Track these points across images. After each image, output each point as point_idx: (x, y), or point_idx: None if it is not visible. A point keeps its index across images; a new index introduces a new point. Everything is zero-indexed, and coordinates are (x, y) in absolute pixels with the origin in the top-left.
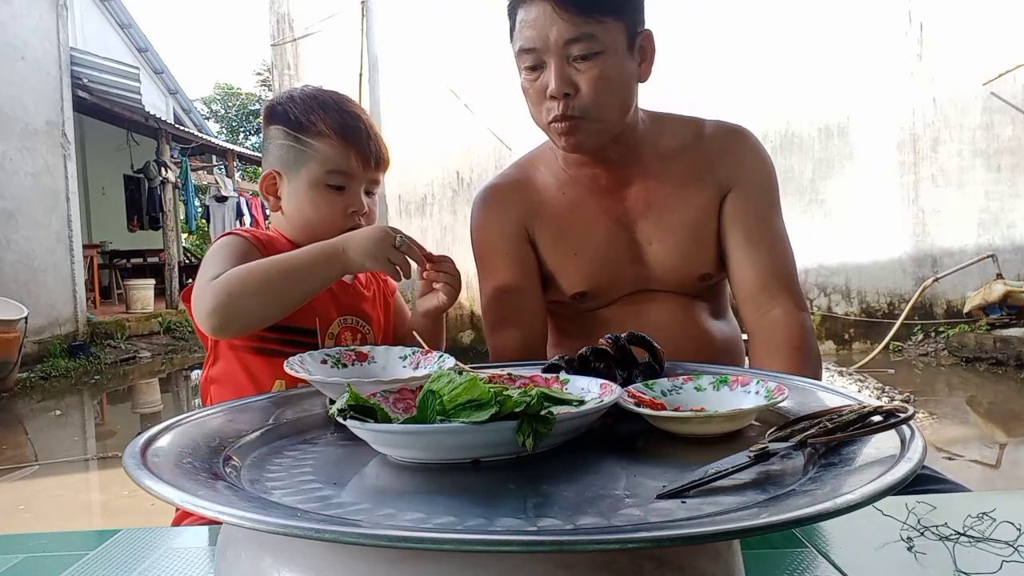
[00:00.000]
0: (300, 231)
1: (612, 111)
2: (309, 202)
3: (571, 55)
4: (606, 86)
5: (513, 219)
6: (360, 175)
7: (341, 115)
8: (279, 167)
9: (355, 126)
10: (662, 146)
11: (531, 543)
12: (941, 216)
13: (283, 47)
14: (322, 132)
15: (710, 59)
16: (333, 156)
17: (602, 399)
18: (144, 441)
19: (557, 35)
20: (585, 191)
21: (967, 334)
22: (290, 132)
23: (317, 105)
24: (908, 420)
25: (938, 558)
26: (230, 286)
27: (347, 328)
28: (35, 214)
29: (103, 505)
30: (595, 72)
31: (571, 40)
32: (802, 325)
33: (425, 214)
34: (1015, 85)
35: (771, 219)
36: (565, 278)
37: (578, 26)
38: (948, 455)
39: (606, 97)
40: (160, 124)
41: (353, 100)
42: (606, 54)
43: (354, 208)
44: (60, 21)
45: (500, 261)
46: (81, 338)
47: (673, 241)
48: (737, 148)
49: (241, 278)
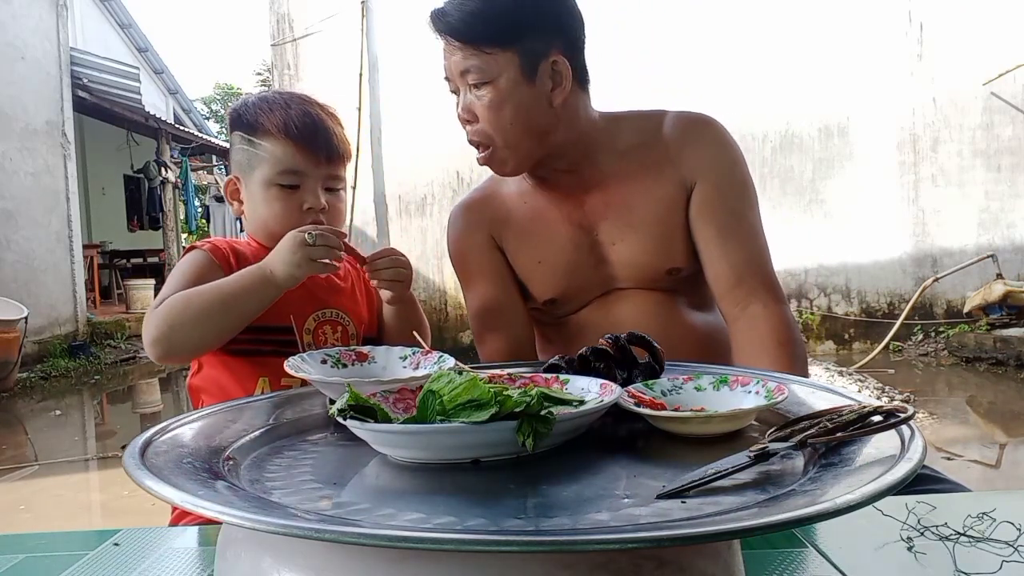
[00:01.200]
0: (262, 233)
1: (515, 136)
2: (264, 203)
3: (468, 83)
4: (497, 114)
5: (483, 231)
6: (313, 172)
7: (288, 113)
8: (238, 171)
9: (303, 123)
10: (620, 145)
11: (531, 543)
12: (941, 216)
13: (283, 47)
14: (270, 132)
15: (710, 59)
16: (282, 155)
17: (602, 399)
18: (144, 441)
19: (455, 65)
20: (546, 199)
21: (967, 334)
22: (243, 135)
23: (267, 106)
24: (908, 420)
25: (938, 558)
26: (170, 316)
27: (325, 322)
28: (35, 214)
29: (103, 505)
30: (485, 101)
31: (463, 71)
32: (783, 318)
33: (425, 214)
34: (1015, 85)
35: (743, 211)
36: (534, 286)
37: (467, 58)
38: (948, 455)
39: (501, 124)
40: (160, 124)
41: (310, 98)
42: (495, 83)
43: (309, 205)
44: (60, 21)
45: (477, 273)
46: (81, 338)
47: (636, 238)
48: (699, 138)
49: (180, 308)
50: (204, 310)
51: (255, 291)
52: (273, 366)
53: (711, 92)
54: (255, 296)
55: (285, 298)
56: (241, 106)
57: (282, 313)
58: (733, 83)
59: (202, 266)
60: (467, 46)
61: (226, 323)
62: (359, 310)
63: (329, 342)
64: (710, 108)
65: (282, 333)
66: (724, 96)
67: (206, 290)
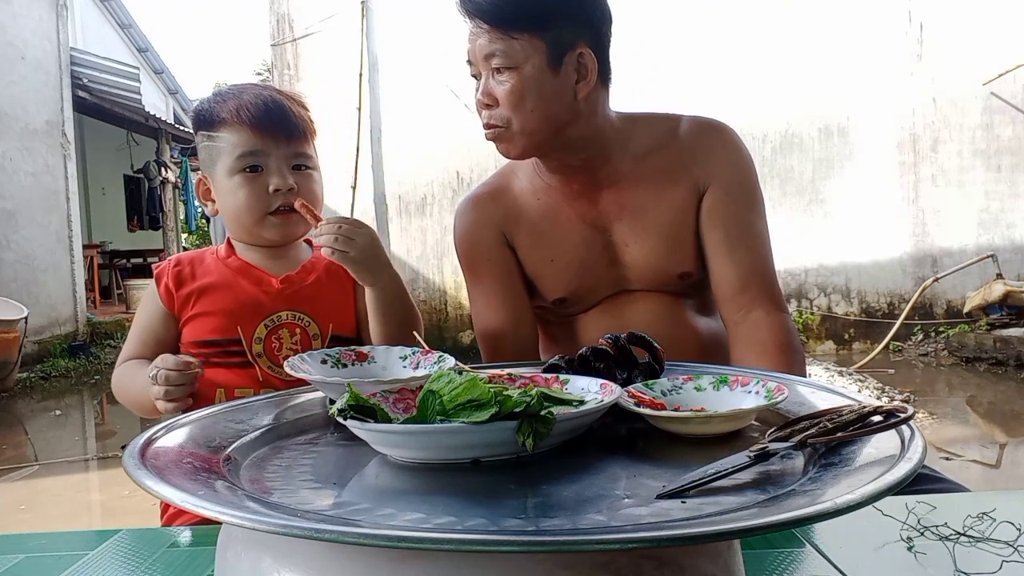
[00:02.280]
0: (235, 225)
1: (534, 123)
2: (230, 193)
3: (492, 67)
4: (519, 100)
5: (492, 226)
6: (274, 151)
7: (240, 99)
8: (204, 170)
9: (255, 104)
10: (635, 147)
11: (531, 543)
12: (941, 216)
13: (283, 47)
14: (224, 120)
15: (711, 59)
16: (238, 140)
17: (602, 399)
18: (144, 441)
19: (479, 48)
20: (560, 197)
21: (967, 334)
22: (204, 133)
23: (221, 98)
24: (908, 420)
25: (938, 558)
26: (117, 388)
27: (280, 326)
28: (35, 214)
29: (103, 505)
30: (507, 86)
31: (489, 54)
32: (785, 326)
33: (425, 214)
34: (1015, 85)
35: (751, 218)
36: (544, 284)
37: (492, 41)
38: (948, 455)
39: (522, 110)
40: (160, 124)
41: (267, 85)
42: (520, 70)
43: (275, 186)
44: (60, 21)
45: (484, 268)
46: (81, 338)
47: (650, 242)
48: (713, 144)
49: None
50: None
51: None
52: (227, 377)
53: (712, 92)
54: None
55: (233, 309)
56: (199, 106)
57: (229, 326)
58: (733, 82)
59: (147, 304)
60: (494, 29)
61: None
62: (327, 308)
63: (285, 347)
64: (711, 107)
65: (231, 345)
66: (725, 95)
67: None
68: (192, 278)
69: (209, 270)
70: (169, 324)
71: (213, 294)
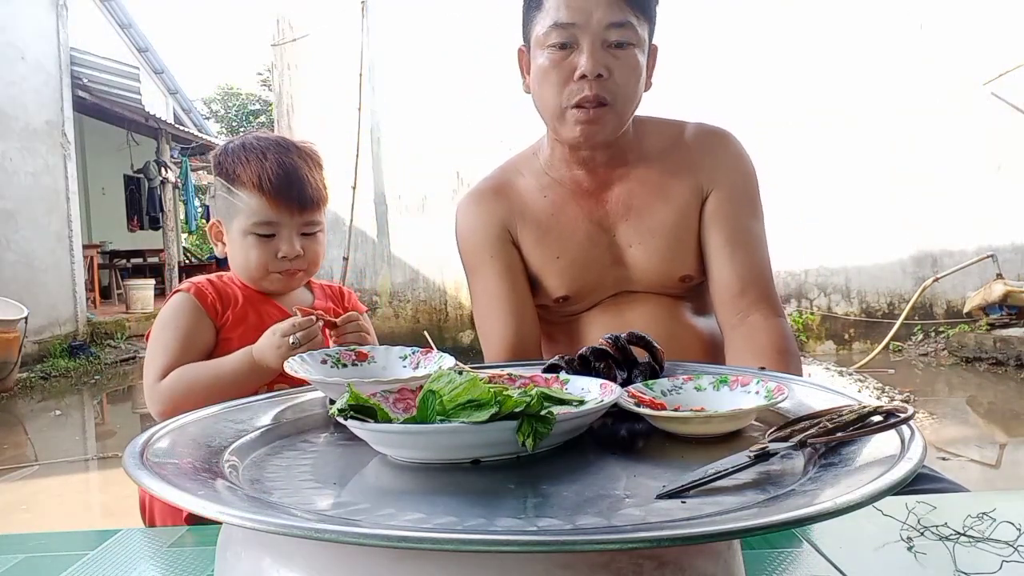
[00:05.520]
0: (243, 274)
1: (630, 105)
2: (241, 249)
3: (608, 40)
4: (633, 77)
5: (496, 222)
6: (288, 221)
7: (263, 165)
8: (219, 216)
9: (278, 175)
10: (644, 149)
11: (531, 543)
12: (941, 216)
13: (283, 47)
14: (246, 184)
15: (713, 60)
16: (257, 208)
17: (602, 399)
18: (144, 441)
19: (601, 16)
20: (567, 194)
21: (967, 334)
22: (224, 183)
23: (244, 156)
24: (908, 420)
25: (938, 558)
26: (175, 398)
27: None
28: (35, 214)
29: (103, 505)
30: (628, 61)
31: (613, 24)
32: (782, 330)
33: (425, 214)
34: (1015, 85)
35: (751, 223)
36: (548, 282)
37: (623, 12)
38: (948, 455)
39: (630, 88)
40: (160, 124)
41: (289, 143)
42: (637, 47)
43: (284, 253)
44: (60, 21)
45: (486, 264)
46: (81, 338)
47: (654, 244)
48: (718, 150)
49: (183, 392)
50: (205, 396)
51: (252, 378)
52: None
53: (712, 92)
54: (253, 381)
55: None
56: (222, 153)
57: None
58: (733, 82)
59: (190, 316)
60: (628, 5)
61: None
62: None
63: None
64: (713, 104)
65: None
66: (725, 95)
67: (205, 376)
68: (232, 301)
69: (239, 296)
70: (211, 335)
71: (248, 319)
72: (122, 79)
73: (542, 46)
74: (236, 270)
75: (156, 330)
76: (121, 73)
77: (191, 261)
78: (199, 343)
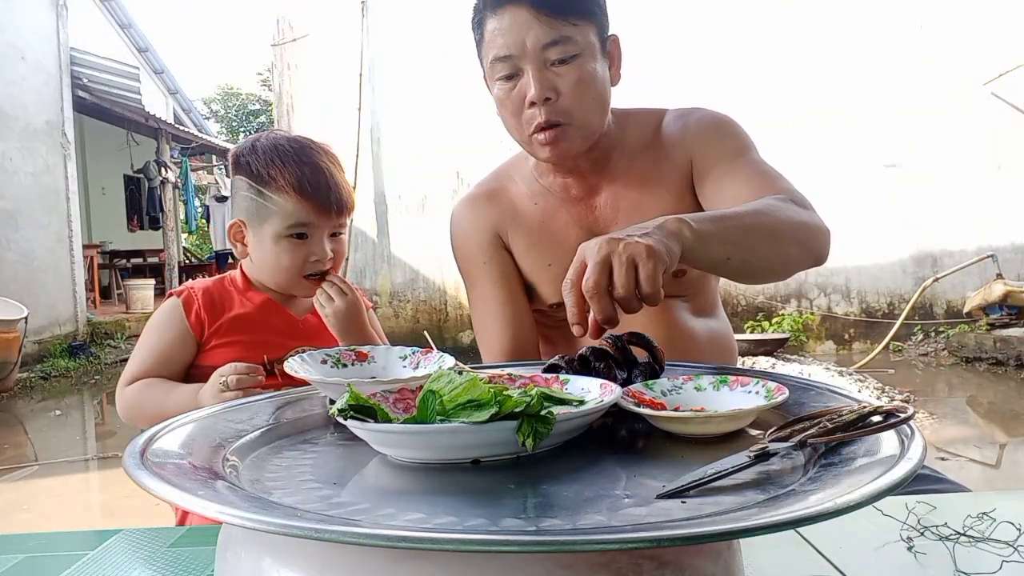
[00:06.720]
0: (269, 279)
1: (593, 114)
2: (273, 254)
3: (549, 59)
4: (586, 88)
5: (489, 228)
6: (322, 224)
7: (300, 168)
8: (244, 217)
9: (315, 179)
10: (628, 146)
11: (531, 543)
12: (941, 216)
13: (283, 47)
14: (282, 187)
15: (713, 60)
16: (294, 211)
17: (602, 399)
18: (144, 441)
19: (535, 40)
20: (557, 201)
21: (967, 334)
22: (253, 185)
23: (278, 158)
24: (908, 420)
25: (938, 558)
26: (130, 407)
27: None
28: (35, 214)
29: (103, 505)
30: (574, 75)
31: (549, 44)
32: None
33: (425, 214)
34: (1015, 85)
35: (743, 151)
36: (542, 289)
37: (556, 29)
38: (948, 455)
39: (586, 100)
40: (160, 124)
41: (316, 145)
42: (583, 56)
43: (316, 257)
44: (60, 21)
45: (481, 271)
46: (81, 338)
47: None
48: (689, 123)
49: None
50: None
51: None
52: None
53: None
54: None
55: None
56: (248, 153)
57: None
58: (734, 81)
59: (170, 329)
60: (556, 18)
61: None
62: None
63: None
64: (713, 107)
65: None
66: (725, 95)
67: (154, 400)
68: (224, 309)
69: (235, 303)
70: (190, 348)
71: (242, 326)
72: (122, 79)
73: (492, 79)
74: (263, 274)
75: (142, 334)
76: (121, 73)
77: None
78: (175, 356)
